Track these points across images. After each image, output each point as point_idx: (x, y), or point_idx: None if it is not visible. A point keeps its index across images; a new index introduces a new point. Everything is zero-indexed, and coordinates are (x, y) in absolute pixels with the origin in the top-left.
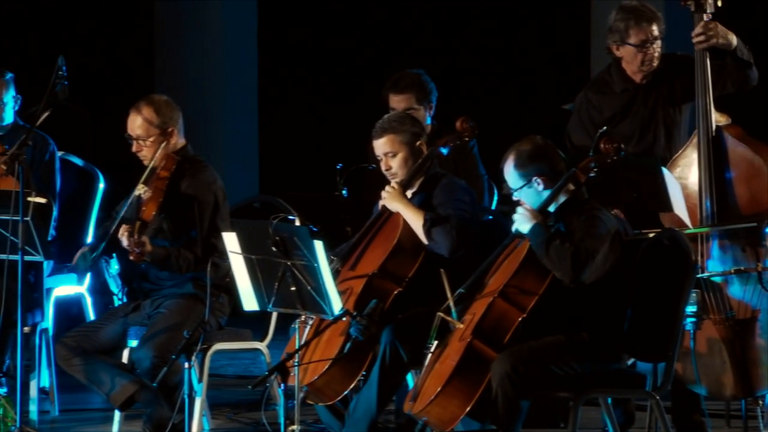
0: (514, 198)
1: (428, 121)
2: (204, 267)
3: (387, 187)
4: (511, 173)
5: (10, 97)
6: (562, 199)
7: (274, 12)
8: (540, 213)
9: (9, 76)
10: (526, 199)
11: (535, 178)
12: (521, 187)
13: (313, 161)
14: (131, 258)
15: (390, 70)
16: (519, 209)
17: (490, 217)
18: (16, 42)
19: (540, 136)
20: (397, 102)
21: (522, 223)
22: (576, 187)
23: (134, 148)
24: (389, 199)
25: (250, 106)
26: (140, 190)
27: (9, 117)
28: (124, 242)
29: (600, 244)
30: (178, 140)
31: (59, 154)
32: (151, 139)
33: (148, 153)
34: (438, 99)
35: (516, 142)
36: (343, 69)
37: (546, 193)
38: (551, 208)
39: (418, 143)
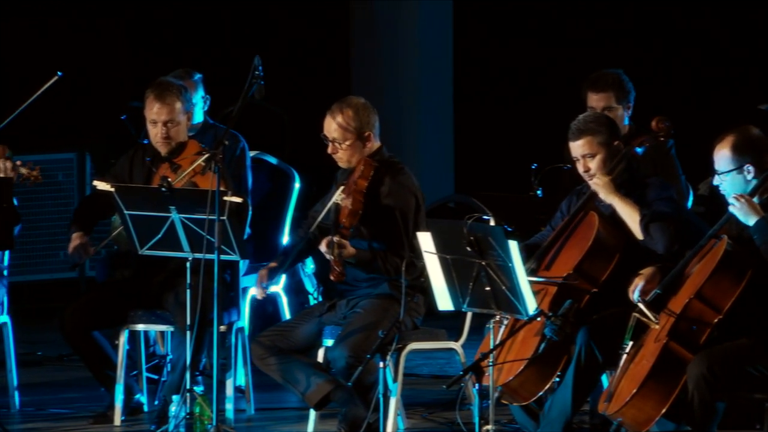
0: (715, 183)
1: (626, 121)
2: (409, 268)
3: (596, 179)
4: (724, 156)
5: (199, 97)
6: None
7: (469, 11)
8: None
9: (197, 76)
10: (731, 185)
11: (747, 165)
12: (730, 171)
13: (508, 161)
14: (332, 277)
15: (586, 69)
16: (736, 200)
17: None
18: (214, 42)
19: (756, 128)
20: (596, 101)
21: (745, 216)
22: None
23: (330, 150)
24: (604, 191)
25: (446, 106)
26: (339, 197)
27: (198, 116)
28: (324, 251)
29: None
30: (374, 143)
31: (255, 153)
32: (347, 143)
33: (344, 155)
34: (635, 99)
35: (715, 140)
36: (539, 67)
37: (754, 183)
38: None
39: (615, 143)
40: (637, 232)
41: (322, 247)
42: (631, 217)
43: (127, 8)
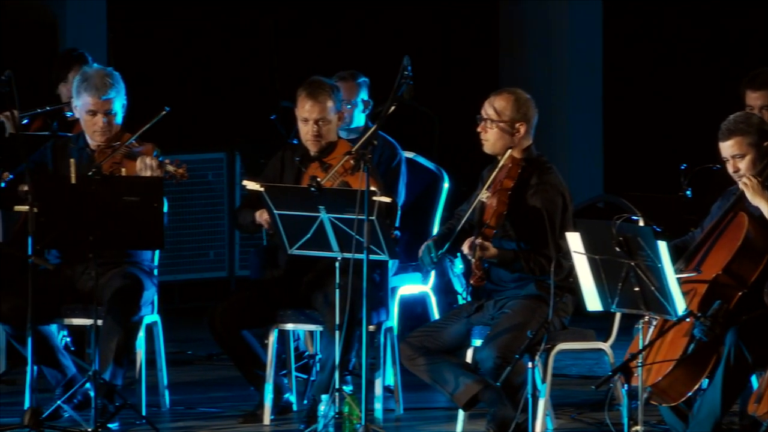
0: None
1: None
2: (557, 269)
3: (744, 180)
4: None
5: (359, 100)
6: None
7: (619, 10)
8: None
9: (361, 79)
10: None
11: None
12: None
13: (657, 161)
14: (471, 282)
15: (742, 68)
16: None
17: None
18: (364, 42)
19: None
20: (754, 99)
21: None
22: None
23: (479, 128)
24: (751, 192)
25: (595, 106)
26: (484, 195)
27: (359, 120)
28: (466, 253)
29: None
30: (525, 140)
31: (407, 154)
32: (497, 126)
33: (490, 137)
34: None
35: None
36: (690, 66)
37: None
38: None
39: (765, 144)
40: None
41: (465, 249)
42: None
43: (279, 7)
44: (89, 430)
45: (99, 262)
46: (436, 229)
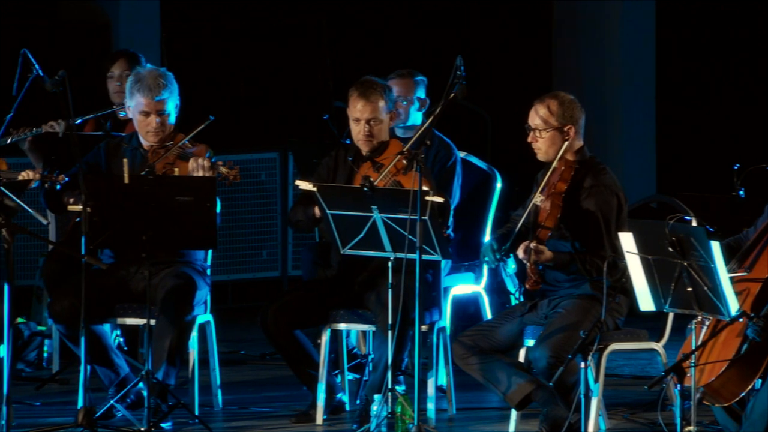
0: None
1: None
2: (611, 269)
3: None
4: None
5: (415, 97)
6: None
7: (671, 9)
8: None
9: (419, 77)
10: None
11: None
12: None
13: (710, 161)
14: (527, 286)
15: None
16: None
17: None
18: (415, 42)
19: None
20: None
21: None
22: None
23: (529, 138)
24: None
25: (648, 105)
26: (538, 199)
27: (416, 118)
28: (521, 257)
29: None
30: (575, 141)
31: (462, 155)
32: (547, 132)
33: (542, 146)
34: None
35: None
36: (744, 65)
37: None
38: None
39: None
40: None
41: (520, 253)
42: None
43: (330, 7)
44: (142, 429)
45: (152, 262)
46: (488, 230)
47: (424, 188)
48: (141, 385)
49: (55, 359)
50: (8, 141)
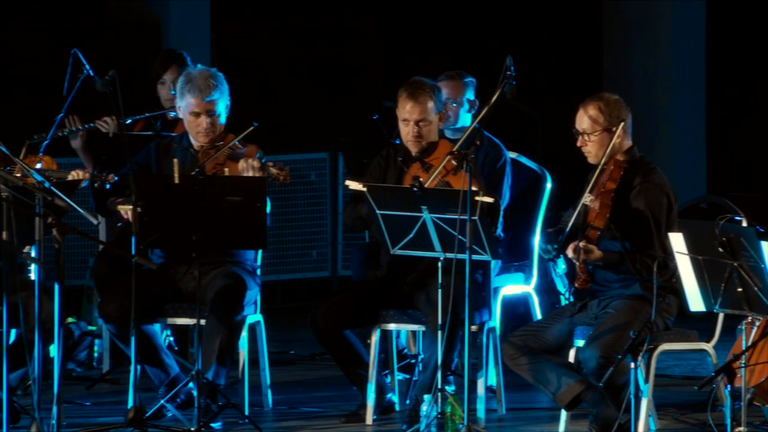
0: None
1: None
2: (661, 269)
3: None
4: None
5: (465, 99)
6: None
7: (723, 8)
8: None
9: (468, 79)
10: None
11: None
12: None
13: (760, 161)
14: (576, 285)
15: None
16: None
17: None
18: (466, 41)
19: None
20: None
21: None
22: None
23: (579, 143)
24: None
25: (698, 105)
26: (587, 198)
27: (465, 119)
28: (571, 256)
29: None
30: (624, 141)
31: (510, 155)
32: (596, 135)
33: (592, 149)
34: None
35: None
36: None
37: None
38: None
39: None
40: None
41: (569, 252)
42: None
43: (382, 7)
44: (192, 429)
45: (202, 262)
46: (538, 230)
47: (474, 188)
48: (191, 385)
49: (106, 359)
50: (62, 133)
